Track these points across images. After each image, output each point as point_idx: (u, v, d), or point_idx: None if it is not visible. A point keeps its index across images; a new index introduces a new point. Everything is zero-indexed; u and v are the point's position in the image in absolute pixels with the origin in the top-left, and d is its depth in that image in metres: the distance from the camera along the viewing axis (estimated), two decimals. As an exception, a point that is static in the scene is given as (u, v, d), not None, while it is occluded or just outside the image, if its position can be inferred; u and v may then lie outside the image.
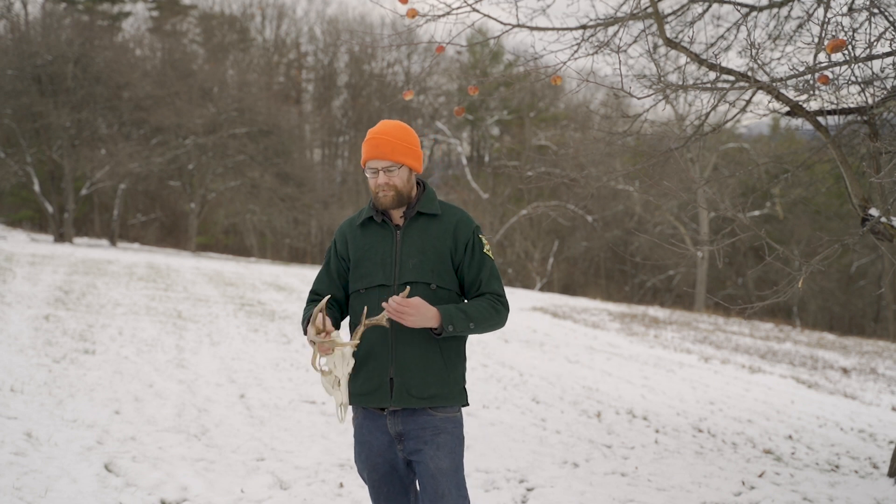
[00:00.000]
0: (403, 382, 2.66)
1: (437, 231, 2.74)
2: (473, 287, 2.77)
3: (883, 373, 14.13)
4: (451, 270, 2.74)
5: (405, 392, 2.66)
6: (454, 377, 2.74)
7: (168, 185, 32.07)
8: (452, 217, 2.78)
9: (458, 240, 2.75)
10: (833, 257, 4.83)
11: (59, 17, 29.12)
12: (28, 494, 3.82)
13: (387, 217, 2.78)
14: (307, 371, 7.93)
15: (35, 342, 7.68)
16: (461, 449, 2.75)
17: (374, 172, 2.73)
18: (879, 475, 6.04)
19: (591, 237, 33.91)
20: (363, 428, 2.78)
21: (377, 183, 2.72)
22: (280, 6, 40.73)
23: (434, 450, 2.67)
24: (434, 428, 2.69)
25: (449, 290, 2.73)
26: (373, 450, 2.76)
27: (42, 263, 15.61)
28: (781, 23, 5.96)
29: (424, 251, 2.71)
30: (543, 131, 34.72)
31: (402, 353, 2.67)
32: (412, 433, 2.69)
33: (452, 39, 5.26)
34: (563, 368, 10.23)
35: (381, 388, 2.68)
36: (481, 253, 2.77)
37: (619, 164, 13.13)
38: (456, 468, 2.70)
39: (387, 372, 2.67)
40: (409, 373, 2.66)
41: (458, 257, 2.75)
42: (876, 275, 31.60)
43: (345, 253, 2.82)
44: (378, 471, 2.77)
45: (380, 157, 2.70)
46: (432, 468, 2.66)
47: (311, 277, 20.79)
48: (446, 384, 2.71)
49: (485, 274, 2.76)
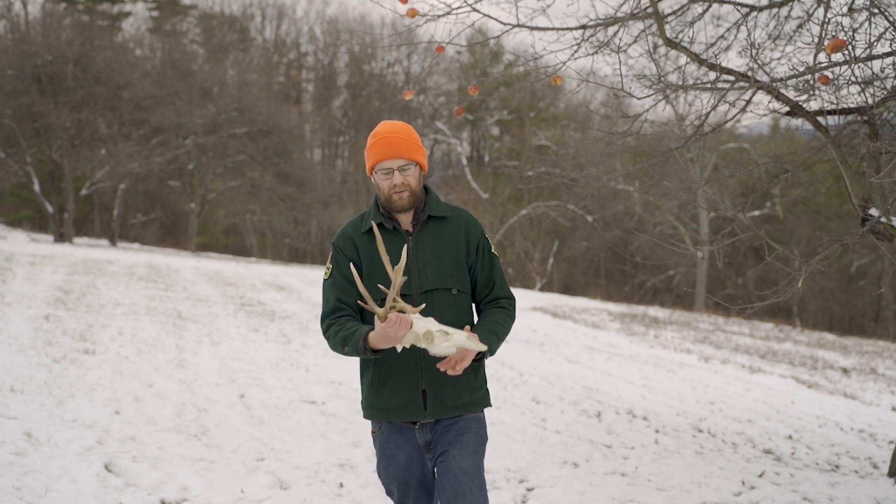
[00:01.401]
0: (436, 394, 2.61)
1: (449, 234, 2.69)
2: (486, 288, 2.73)
3: (883, 373, 14.13)
4: (466, 273, 2.70)
5: (439, 403, 2.62)
6: (480, 382, 2.72)
7: (168, 185, 32.08)
8: (461, 219, 2.73)
9: (470, 242, 2.71)
10: (833, 257, 4.83)
11: (59, 17, 29.12)
12: (28, 494, 3.82)
13: (395, 223, 2.68)
14: (307, 371, 7.94)
15: (35, 342, 7.68)
16: (483, 449, 2.71)
17: (387, 173, 2.63)
18: (879, 475, 6.03)
19: (591, 237, 33.91)
20: (391, 442, 2.70)
21: (393, 184, 2.61)
22: (280, 6, 40.76)
23: (458, 449, 2.62)
24: (459, 428, 2.65)
25: (466, 292, 2.69)
26: (400, 464, 2.69)
27: (42, 263, 15.61)
28: (781, 23, 5.96)
29: (440, 256, 2.65)
30: (543, 131, 34.72)
31: (432, 366, 2.60)
32: (439, 438, 2.66)
33: (452, 39, 5.26)
34: (563, 368, 10.23)
35: (413, 401, 2.62)
36: (491, 254, 2.74)
37: (619, 164, 13.12)
38: (478, 469, 2.64)
39: (418, 384, 2.61)
40: (443, 384, 2.61)
41: (471, 259, 2.71)
42: (876, 275, 31.60)
43: (355, 258, 2.67)
44: (409, 484, 2.71)
45: (395, 156, 2.61)
46: (454, 468, 2.60)
47: (311, 277, 20.77)
48: (475, 391, 2.69)
49: (497, 275, 2.74)
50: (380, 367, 2.63)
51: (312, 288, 17.84)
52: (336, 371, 8.03)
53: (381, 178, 2.65)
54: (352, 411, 6.32)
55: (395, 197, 2.62)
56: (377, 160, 2.63)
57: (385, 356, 2.59)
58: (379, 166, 2.64)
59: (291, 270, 23.65)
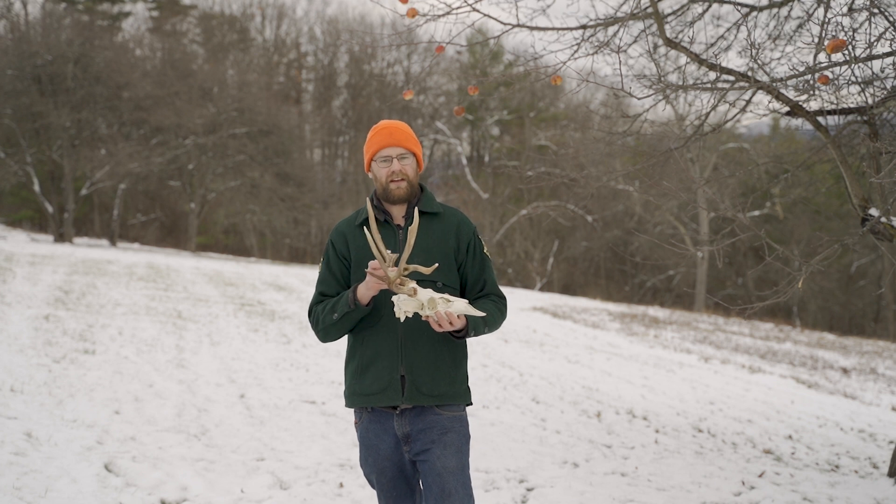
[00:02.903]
0: (414, 380, 2.67)
1: (440, 230, 2.76)
2: (476, 286, 2.80)
3: (883, 373, 14.13)
4: (455, 269, 2.76)
5: (416, 390, 2.67)
6: (460, 376, 2.78)
7: (168, 185, 32.08)
8: (453, 217, 2.81)
9: (461, 240, 2.78)
10: (833, 257, 4.83)
11: (59, 17, 29.12)
12: (28, 494, 3.82)
13: (388, 217, 2.77)
14: (307, 371, 7.94)
15: (35, 342, 7.68)
16: (467, 447, 2.76)
17: (386, 161, 2.73)
18: (879, 475, 6.03)
19: (591, 237, 33.91)
20: (370, 432, 2.77)
21: (391, 171, 2.71)
22: (280, 6, 40.74)
23: (441, 449, 2.68)
24: (441, 427, 2.70)
25: (453, 288, 2.75)
26: (380, 453, 2.76)
27: (42, 263, 15.61)
28: (781, 23, 5.95)
29: (429, 250, 2.72)
30: (543, 131, 34.73)
31: (412, 352, 2.68)
32: (419, 433, 2.70)
33: (452, 39, 5.26)
34: (563, 368, 10.23)
35: (392, 385, 2.68)
36: (482, 253, 2.81)
37: (619, 164, 13.12)
38: (462, 467, 2.71)
39: (397, 370, 2.68)
40: (420, 370, 2.67)
41: (461, 257, 2.77)
42: (876, 275, 31.59)
43: (346, 253, 2.78)
44: (386, 474, 2.77)
45: (395, 144, 2.72)
46: (439, 467, 2.66)
47: (311, 277, 20.78)
48: (454, 382, 2.74)
49: (488, 275, 2.81)
50: (364, 352, 2.71)
51: (312, 288, 17.84)
52: (336, 371, 8.03)
53: (379, 167, 2.75)
54: (352, 411, 6.31)
55: (393, 186, 2.72)
56: (378, 148, 2.74)
57: (368, 347, 2.69)
58: (379, 154, 2.74)
59: (291, 270, 23.65)
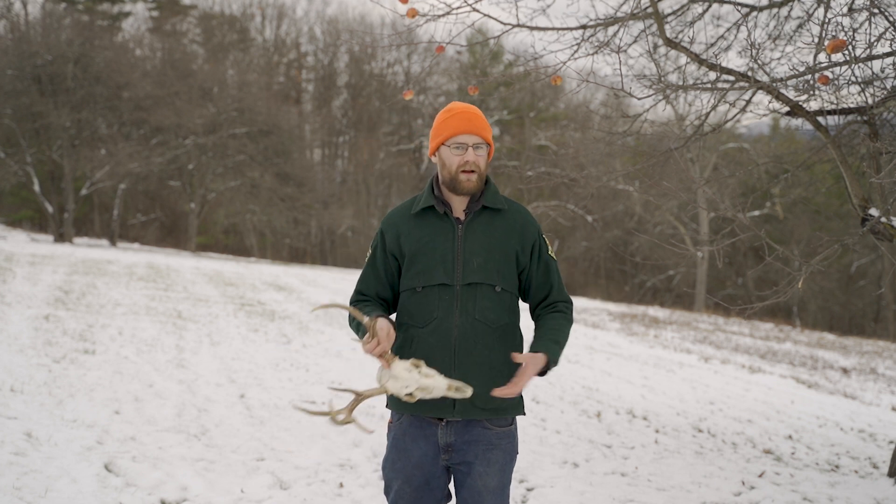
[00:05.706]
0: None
1: (503, 228, 2.52)
2: (542, 291, 2.57)
3: (883, 373, 14.14)
4: (515, 272, 2.53)
5: (469, 403, 2.45)
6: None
7: (168, 185, 32.09)
8: (518, 215, 2.56)
9: (525, 241, 2.53)
10: (833, 257, 4.83)
11: (59, 17, 29.13)
12: (28, 494, 3.82)
13: (448, 209, 2.52)
14: (307, 371, 7.93)
15: (35, 342, 7.68)
16: (511, 466, 2.56)
17: (460, 149, 2.47)
18: (879, 475, 6.03)
19: (591, 237, 33.93)
20: (407, 435, 2.54)
21: (465, 160, 2.45)
22: (280, 6, 40.78)
23: (484, 466, 2.49)
24: (488, 443, 2.50)
25: (511, 292, 2.52)
26: (412, 460, 2.53)
27: (42, 263, 15.61)
28: (781, 23, 5.95)
29: (490, 250, 2.48)
30: (543, 131, 34.75)
31: (466, 361, 2.44)
32: (464, 445, 2.50)
33: (452, 39, 5.25)
34: (562, 368, 10.23)
35: (443, 397, 2.44)
36: (548, 255, 2.58)
37: (619, 164, 13.12)
38: (503, 486, 2.52)
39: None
40: (475, 382, 2.42)
41: (525, 260, 2.54)
42: (876, 275, 31.60)
43: (395, 248, 2.54)
44: (412, 483, 2.54)
45: (472, 132, 2.46)
46: (479, 486, 2.48)
47: (311, 277, 20.79)
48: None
49: (554, 278, 2.58)
50: (412, 354, 2.49)
51: (312, 288, 17.84)
52: (336, 371, 8.03)
53: (451, 154, 2.48)
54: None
55: (463, 177, 2.46)
56: (454, 132, 2.47)
57: (418, 349, 2.47)
58: (453, 140, 2.48)
59: (291, 270, 23.65)
